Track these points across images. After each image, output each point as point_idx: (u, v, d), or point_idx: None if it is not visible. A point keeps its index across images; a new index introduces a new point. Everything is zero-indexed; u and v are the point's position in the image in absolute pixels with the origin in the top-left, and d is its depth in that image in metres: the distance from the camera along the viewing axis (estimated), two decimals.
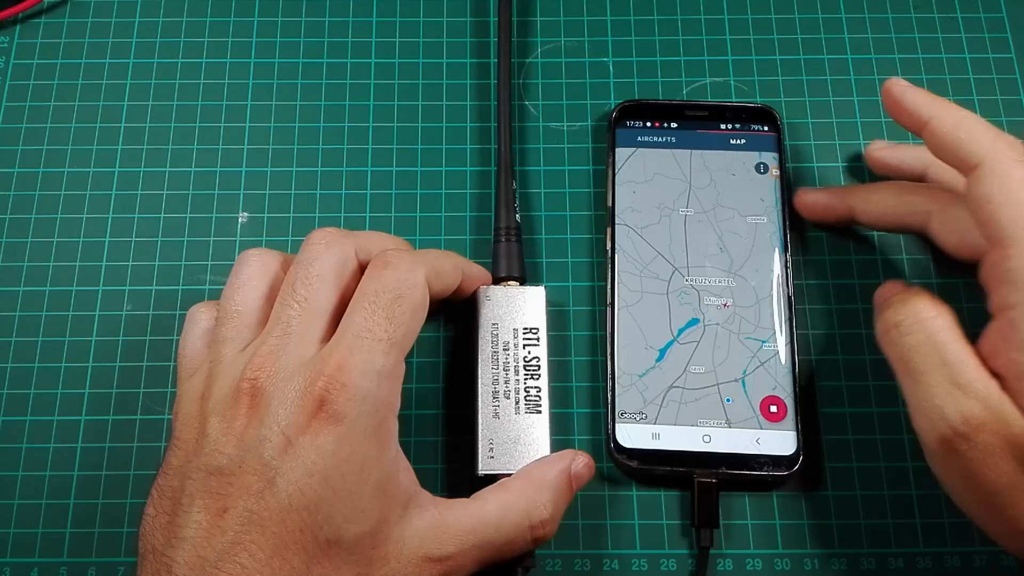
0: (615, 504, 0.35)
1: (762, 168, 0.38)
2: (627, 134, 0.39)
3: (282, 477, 0.26)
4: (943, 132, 0.31)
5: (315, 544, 0.26)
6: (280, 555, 0.26)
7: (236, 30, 0.42)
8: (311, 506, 0.26)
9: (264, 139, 0.40)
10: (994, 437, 0.28)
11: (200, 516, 0.26)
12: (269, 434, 0.27)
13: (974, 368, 0.29)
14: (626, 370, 0.35)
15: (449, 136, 0.41)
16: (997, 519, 0.29)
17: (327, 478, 0.26)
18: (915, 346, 0.30)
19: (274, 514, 0.26)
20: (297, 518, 0.26)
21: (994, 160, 0.30)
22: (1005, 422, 0.28)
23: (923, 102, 0.32)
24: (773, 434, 0.34)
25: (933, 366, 0.29)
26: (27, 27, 0.42)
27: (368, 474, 0.27)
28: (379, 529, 0.28)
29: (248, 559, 0.25)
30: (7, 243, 0.39)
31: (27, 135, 0.40)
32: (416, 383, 0.37)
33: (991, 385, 0.28)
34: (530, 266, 0.38)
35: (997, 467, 0.28)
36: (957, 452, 0.28)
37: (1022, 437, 0.27)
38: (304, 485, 0.26)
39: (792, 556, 0.34)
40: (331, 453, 0.27)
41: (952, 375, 0.29)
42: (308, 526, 0.26)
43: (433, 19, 0.43)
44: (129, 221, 0.39)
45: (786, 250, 0.37)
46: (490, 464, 0.33)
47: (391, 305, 0.29)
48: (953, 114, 0.31)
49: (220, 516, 0.26)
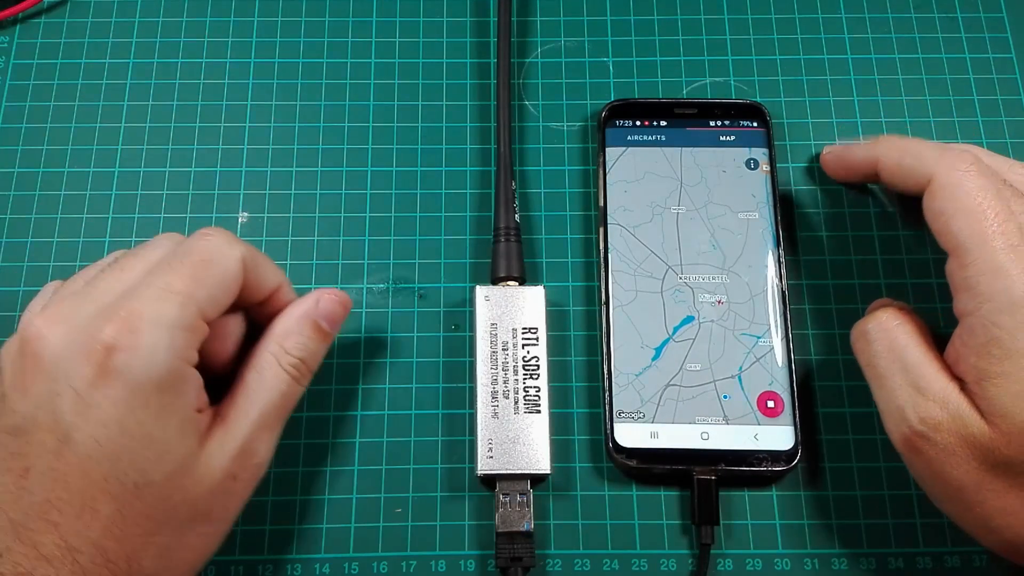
0: (615, 504, 0.35)
1: (752, 164, 0.38)
2: (617, 133, 0.39)
3: (78, 431, 0.26)
4: (891, 165, 0.34)
5: (123, 490, 0.26)
6: (90, 507, 0.26)
7: (236, 30, 0.42)
8: (112, 456, 0.26)
9: (264, 139, 0.40)
10: (953, 437, 0.29)
11: (6, 479, 0.26)
12: (59, 388, 0.26)
13: (933, 372, 0.30)
14: (622, 369, 0.35)
15: (449, 136, 0.41)
16: (967, 515, 0.30)
17: (123, 427, 0.26)
18: (879, 352, 0.32)
19: (75, 468, 0.26)
20: (99, 468, 0.26)
21: (941, 175, 0.31)
22: (963, 423, 0.29)
23: (861, 150, 0.36)
24: (771, 429, 0.34)
25: (894, 370, 0.31)
26: (27, 27, 0.43)
27: (167, 419, 0.27)
28: (185, 461, 0.28)
29: (58, 516, 0.26)
30: (7, 243, 0.39)
31: (27, 135, 0.40)
32: (416, 383, 0.37)
33: (949, 388, 0.30)
34: (529, 266, 0.38)
35: (959, 466, 0.29)
36: (920, 451, 0.30)
37: (980, 437, 0.29)
38: (101, 436, 0.26)
39: (792, 556, 0.34)
40: (123, 402, 0.26)
41: (912, 379, 0.30)
42: (112, 475, 0.26)
43: (433, 19, 0.43)
44: (129, 221, 0.39)
45: (779, 245, 0.37)
46: (490, 464, 0.33)
47: (198, 265, 0.29)
48: (895, 144, 0.34)
49: (24, 476, 0.26)
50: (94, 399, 0.26)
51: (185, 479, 0.28)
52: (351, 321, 0.37)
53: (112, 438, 0.26)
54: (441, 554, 0.34)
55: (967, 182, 0.30)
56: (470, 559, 0.34)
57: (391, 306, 0.38)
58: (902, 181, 0.33)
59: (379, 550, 0.34)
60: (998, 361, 0.28)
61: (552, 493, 0.35)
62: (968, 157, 0.31)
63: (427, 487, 0.35)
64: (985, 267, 0.29)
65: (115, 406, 0.26)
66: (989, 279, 0.29)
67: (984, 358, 0.29)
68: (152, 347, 0.27)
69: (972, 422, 0.29)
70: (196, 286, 0.28)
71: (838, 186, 0.39)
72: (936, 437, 0.29)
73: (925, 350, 0.31)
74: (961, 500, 0.30)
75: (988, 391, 0.28)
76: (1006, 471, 0.28)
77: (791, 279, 0.38)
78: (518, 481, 0.33)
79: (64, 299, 0.28)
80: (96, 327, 0.27)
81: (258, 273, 0.31)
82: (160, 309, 0.27)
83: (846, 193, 0.39)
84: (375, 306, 0.38)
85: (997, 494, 0.29)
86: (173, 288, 0.28)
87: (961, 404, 0.29)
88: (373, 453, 0.35)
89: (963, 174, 0.31)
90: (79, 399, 0.26)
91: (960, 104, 0.41)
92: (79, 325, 0.27)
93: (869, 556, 0.34)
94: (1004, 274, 0.28)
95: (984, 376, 0.29)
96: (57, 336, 0.27)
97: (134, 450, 0.27)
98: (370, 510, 0.35)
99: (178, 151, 0.40)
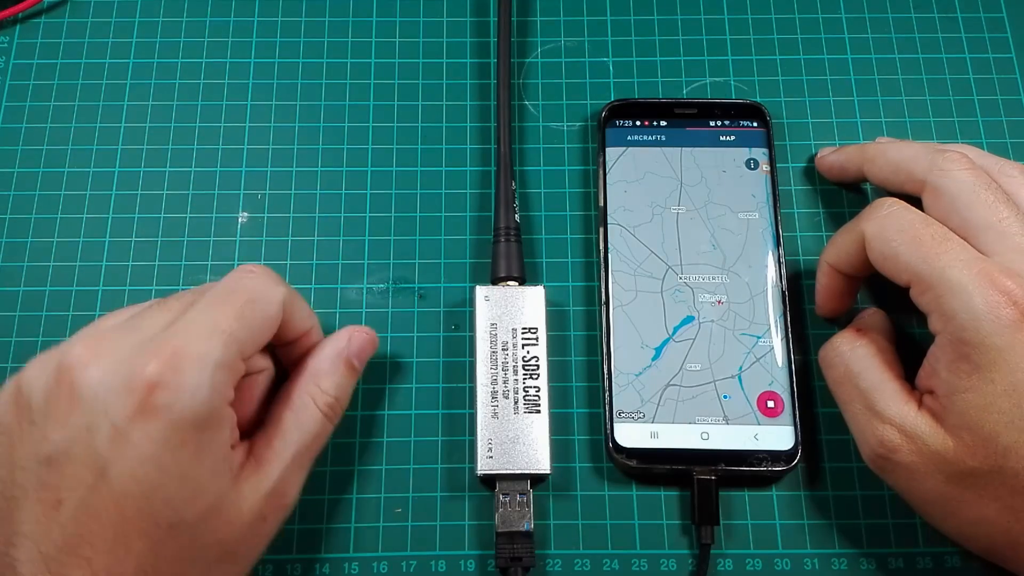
0: (615, 504, 0.35)
1: (752, 164, 0.38)
2: (617, 133, 0.39)
3: (114, 467, 0.26)
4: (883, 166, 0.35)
5: (156, 528, 0.26)
6: (123, 543, 0.26)
7: (236, 30, 0.42)
8: (147, 493, 0.26)
9: (264, 139, 0.40)
10: (914, 456, 0.29)
11: (36, 509, 0.26)
12: (97, 421, 0.26)
13: (889, 394, 0.31)
14: (622, 369, 0.35)
15: (449, 136, 0.41)
16: (943, 525, 0.31)
17: (160, 465, 0.26)
18: (836, 379, 0.33)
19: (109, 504, 0.26)
20: (134, 505, 0.26)
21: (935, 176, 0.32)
22: (923, 441, 0.29)
23: (854, 150, 0.37)
24: (771, 429, 0.34)
25: (852, 396, 0.32)
26: (27, 27, 0.42)
27: (202, 458, 0.27)
28: (218, 502, 0.28)
29: (90, 551, 0.25)
30: (7, 243, 0.39)
31: (27, 135, 0.40)
32: (416, 383, 0.37)
33: (905, 409, 0.30)
34: (529, 266, 0.38)
35: (924, 482, 0.30)
36: (886, 471, 0.31)
37: (944, 452, 0.29)
38: (138, 473, 0.26)
39: (792, 556, 0.34)
40: (163, 441, 0.26)
41: (868, 403, 0.31)
42: (146, 512, 0.26)
43: (433, 19, 0.43)
44: (129, 221, 0.39)
45: (779, 245, 0.37)
46: (489, 464, 0.33)
47: (244, 306, 0.29)
48: (891, 147, 0.35)
49: (55, 508, 0.26)
50: (133, 435, 0.26)
51: (217, 519, 0.27)
52: (351, 321, 0.37)
53: (148, 475, 0.26)
54: (441, 554, 0.34)
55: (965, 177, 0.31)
56: (470, 559, 0.34)
57: (391, 306, 0.38)
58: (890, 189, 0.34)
59: (379, 550, 0.34)
60: (967, 376, 0.29)
61: (552, 493, 0.35)
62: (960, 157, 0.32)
63: (427, 487, 0.35)
64: (942, 288, 0.29)
65: (153, 443, 0.26)
66: (948, 298, 0.29)
67: (954, 373, 0.29)
68: (195, 386, 0.26)
69: (933, 439, 0.29)
70: (240, 325, 0.28)
71: (837, 186, 0.39)
72: (897, 458, 0.30)
73: (881, 372, 0.31)
74: (934, 513, 0.31)
75: (957, 404, 0.29)
76: (973, 482, 0.29)
77: (791, 279, 0.38)
78: (518, 481, 0.33)
79: (107, 330, 0.28)
80: (139, 362, 0.26)
81: (294, 315, 0.31)
82: (204, 347, 0.27)
83: (846, 193, 0.39)
84: (375, 306, 0.38)
85: (968, 505, 0.29)
86: (218, 326, 0.28)
87: (919, 423, 0.30)
88: (373, 453, 0.35)
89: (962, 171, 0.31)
90: (118, 434, 0.26)
91: (960, 104, 0.41)
92: (122, 358, 0.26)
93: (869, 556, 0.34)
94: (961, 290, 0.29)
95: (954, 390, 0.29)
96: (98, 368, 0.26)
97: (169, 488, 0.26)
98: (370, 510, 0.35)
99: (178, 151, 0.40)
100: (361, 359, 0.33)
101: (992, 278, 0.28)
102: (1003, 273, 0.28)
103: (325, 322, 0.37)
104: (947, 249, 0.30)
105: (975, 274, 0.29)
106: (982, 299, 0.28)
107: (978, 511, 0.29)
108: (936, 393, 0.30)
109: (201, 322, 0.28)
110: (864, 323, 0.34)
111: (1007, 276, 0.28)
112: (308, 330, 0.32)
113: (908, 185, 0.33)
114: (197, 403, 0.26)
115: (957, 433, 0.29)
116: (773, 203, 0.38)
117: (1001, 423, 0.28)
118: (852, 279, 0.35)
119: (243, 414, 0.30)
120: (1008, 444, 0.28)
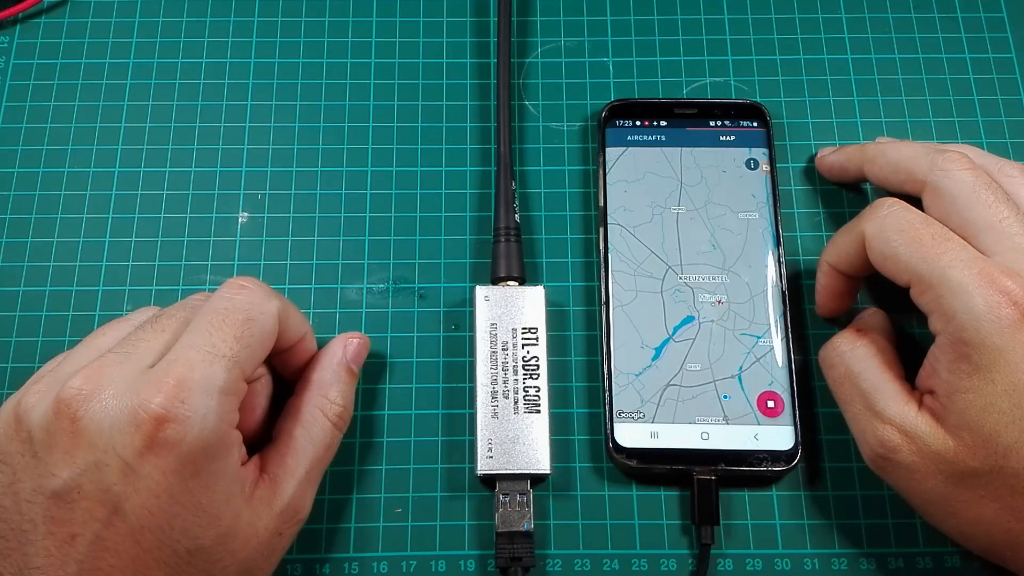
0: (615, 504, 0.35)
1: (752, 164, 0.38)
2: (617, 133, 0.39)
3: (128, 501, 0.26)
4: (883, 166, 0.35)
5: (175, 557, 0.26)
6: (142, 573, 0.26)
7: (236, 30, 0.42)
8: (163, 524, 0.26)
9: (264, 139, 0.40)
10: (914, 456, 0.29)
11: (48, 543, 0.26)
12: (107, 458, 0.26)
13: (889, 394, 0.31)
14: (622, 369, 0.35)
15: (449, 136, 0.41)
16: (943, 525, 0.31)
17: (174, 496, 0.26)
18: (836, 379, 0.33)
19: (126, 538, 0.26)
20: (151, 537, 0.26)
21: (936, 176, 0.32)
22: (923, 442, 0.29)
23: (854, 150, 0.37)
24: (771, 429, 0.34)
25: (853, 397, 0.32)
26: (27, 27, 0.42)
27: (215, 485, 0.27)
28: (235, 523, 0.28)
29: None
30: (7, 243, 0.39)
31: (27, 135, 0.40)
32: (416, 383, 0.36)
33: (905, 409, 0.30)
34: (529, 266, 0.38)
35: (924, 482, 0.30)
36: (886, 471, 0.31)
37: (944, 452, 0.29)
38: (152, 506, 0.26)
39: (792, 556, 0.34)
40: (174, 473, 0.26)
41: (868, 403, 0.31)
42: (164, 542, 0.26)
43: (433, 19, 0.43)
44: (129, 221, 0.39)
45: (779, 245, 0.37)
46: (489, 464, 0.33)
47: (241, 326, 0.28)
48: (891, 147, 0.35)
49: (69, 543, 0.26)
50: (144, 470, 0.26)
51: (235, 541, 0.28)
52: (351, 321, 0.37)
53: (163, 507, 0.26)
54: (441, 554, 0.34)
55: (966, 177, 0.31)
56: (470, 559, 0.34)
57: (391, 306, 0.38)
58: (898, 183, 0.34)
59: (379, 550, 0.34)
60: (967, 376, 0.29)
61: (552, 493, 0.35)
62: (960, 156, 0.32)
63: (427, 487, 0.35)
64: (942, 288, 0.29)
65: (165, 476, 0.26)
66: (948, 298, 0.29)
67: (955, 373, 0.29)
68: (203, 416, 0.26)
69: (933, 439, 0.29)
70: (240, 347, 0.28)
71: (837, 186, 0.39)
72: (897, 458, 0.30)
73: (882, 372, 0.31)
74: (934, 513, 0.31)
75: (957, 404, 0.29)
76: (973, 482, 0.29)
77: (791, 279, 0.38)
78: (518, 481, 0.33)
79: (103, 360, 0.28)
80: (144, 395, 0.26)
81: (288, 325, 0.31)
82: (207, 374, 0.27)
83: (846, 193, 0.39)
84: (375, 306, 0.38)
85: (968, 505, 0.29)
86: (218, 351, 0.27)
87: (919, 423, 0.30)
88: (373, 453, 0.35)
89: (962, 171, 0.31)
90: (129, 469, 0.26)
91: (960, 104, 0.41)
92: (122, 390, 0.26)
93: (869, 556, 0.34)
94: (961, 290, 0.29)
95: (954, 390, 0.29)
96: (100, 402, 0.26)
97: (185, 517, 0.26)
98: (370, 510, 0.35)
99: (178, 151, 0.40)
100: (358, 363, 0.33)
101: (992, 278, 0.28)
102: (1003, 273, 0.28)
103: (325, 322, 0.37)
104: (947, 249, 0.30)
105: (975, 274, 0.29)
106: (982, 299, 0.28)
107: (978, 511, 0.29)
108: (936, 393, 0.30)
109: (200, 346, 0.27)
110: (864, 323, 0.34)
111: (1007, 276, 0.28)
112: (302, 336, 0.32)
113: (908, 185, 0.33)
114: (206, 432, 0.26)
115: (957, 433, 0.29)
116: (773, 203, 0.38)
117: (1001, 423, 0.28)
118: (852, 279, 0.35)
119: (246, 425, 0.30)
120: (1008, 444, 0.28)
